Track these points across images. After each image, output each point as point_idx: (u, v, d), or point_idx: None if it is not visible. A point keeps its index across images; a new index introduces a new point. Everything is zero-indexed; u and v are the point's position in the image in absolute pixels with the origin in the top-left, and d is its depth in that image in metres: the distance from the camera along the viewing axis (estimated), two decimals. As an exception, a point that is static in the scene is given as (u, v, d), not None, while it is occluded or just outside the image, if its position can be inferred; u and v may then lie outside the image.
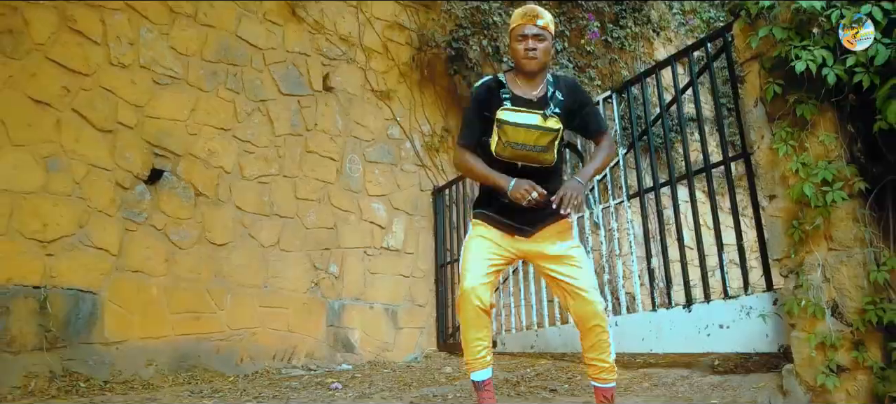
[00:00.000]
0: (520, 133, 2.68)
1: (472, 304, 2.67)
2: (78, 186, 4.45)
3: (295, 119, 5.88)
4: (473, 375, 2.80)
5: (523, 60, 2.78)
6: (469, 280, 2.69)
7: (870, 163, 3.00)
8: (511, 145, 2.69)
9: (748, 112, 3.48)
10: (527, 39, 2.77)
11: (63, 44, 4.53)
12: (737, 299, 3.67)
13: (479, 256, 2.75)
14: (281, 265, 5.53)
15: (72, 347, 4.22)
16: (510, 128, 2.67)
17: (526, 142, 2.69)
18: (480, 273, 2.71)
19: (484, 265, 2.73)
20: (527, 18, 2.80)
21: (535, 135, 2.69)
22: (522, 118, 2.69)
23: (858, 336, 2.82)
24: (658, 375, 3.94)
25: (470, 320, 2.71)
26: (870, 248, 2.87)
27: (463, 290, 2.69)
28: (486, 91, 2.85)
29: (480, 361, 2.77)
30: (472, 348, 2.75)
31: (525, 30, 2.78)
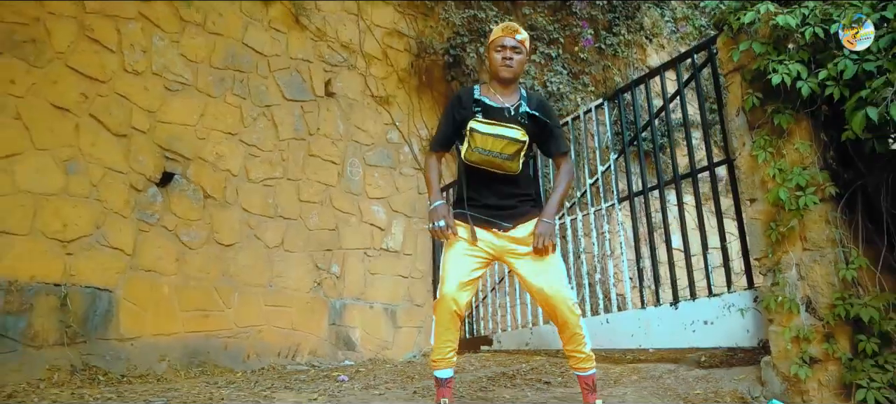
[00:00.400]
0: (488, 141, 2.86)
1: (449, 309, 2.83)
2: (95, 188, 4.65)
3: (298, 124, 6.09)
4: (438, 372, 2.95)
5: (500, 68, 3.00)
6: (448, 286, 2.83)
7: (841, 170, 3.24)
8: (478, 151, 2.87)
9: (731, 120, 3.72)
10: (505, 50, 3.00)
11: (81, 52, 4.73)
12: (720, 297, 3.90)
13: (459, 262, 2.88)
14: (285, 265, 5.74)
15: (90, 342, 4.42)
16: (479, 136, 2.86)
17: (493, 150, 2.87)
18: (460, 280, 2.84)
19: (465, 271, 2.87)
20: (506, 31, 3.03)
21: (502, 143, 2.87)
22: (491, 128, 2.88)
23: (829, 329, 3.05)
24: (647, 369, 4.17)
25: (444, 323, 2.86)
26: (840, 248, 3.11)
27: (442, 295, 2.83)
28: (458, 100, 3.07)
29: (447, 361, 2.92)
30: (442, 348, 2.90)
31: (504, 41, 3.01)
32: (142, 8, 5.12)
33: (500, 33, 3.05)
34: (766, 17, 3.29)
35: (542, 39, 7.90)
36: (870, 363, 2.86)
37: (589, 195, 5.24)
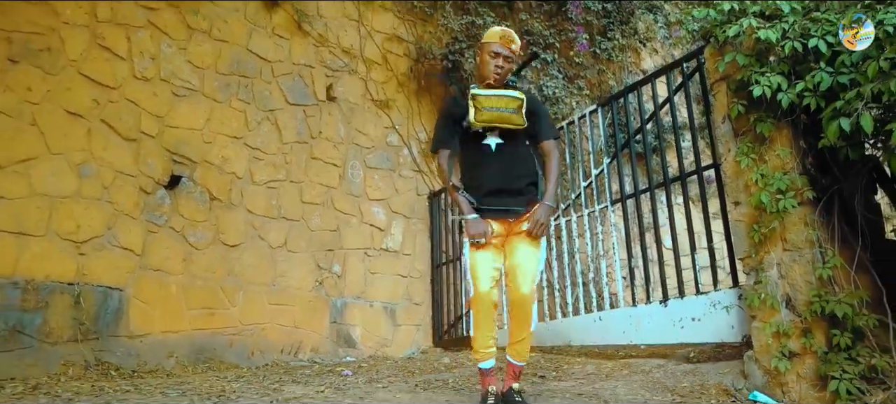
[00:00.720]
0: (491, 100, 3.12)
1: (485, 306, 3.09)
2: (106, 191, 4.82)
3: (301, 127, 6.26)
4: (482, 364, 3.19)
5: (490, 73, 3.21)
6: (483, 285, 3.07)
7: (819, 175, 3.43)
8: (485, 109, 3.11)
9: (717, 127, 3.91)
10: (499, 57, 3.21)
11: (93, 59, 4.90)
12: (707, 295, 4.09)
13: (486, 262, 3.12)
14: (288, 265, 5.91)
15: (102, 339, 4.59)
16: (483, 97, 3.13)
17: (498, 106, 3.13)
18: (489, 277, 3.09)
19: (491, 269, 3.12)
20: (504, 40, 3.22)
21: (504, 100, 3.14)
22: (491, 91, 3.16)
23: (806, 325, 3.24)
24: (637, 364, 4.36)
25: (483, 319, 3.11)
26: (818, 249, 3.30)
27: (479, 294, 3.07)
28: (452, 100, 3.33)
29: (489, 353, 3.18)
30: (483, 342, 3.15)
31: (501, 49, 3.21)
32: (151, 16, 5.29)
33: (497, 39, 3.23)
34: (749, 30, 3.48)
35: (539, 44, 8.08)
36: (843, 356, 3.05)
37: (583, 197, 5.43)
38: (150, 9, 5.31)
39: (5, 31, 4.48)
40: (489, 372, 3.20)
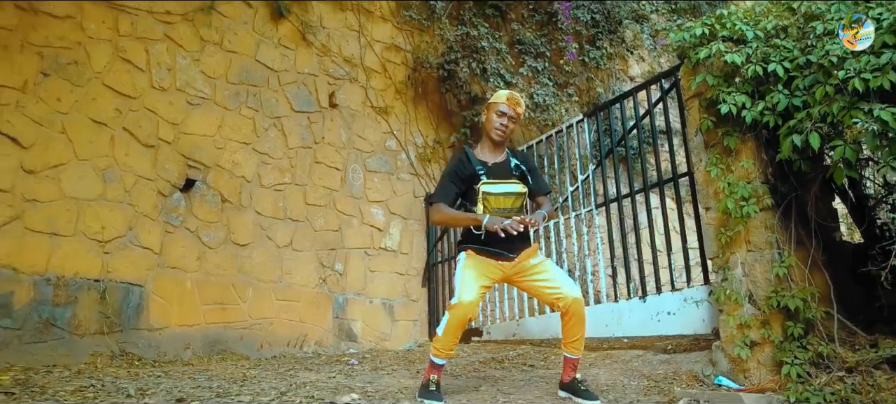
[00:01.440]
0: (500, 200, 3.47)
1: (466, 315, 3.36)
2: (128, 194, 5.20)
3: (305, 133, 6.64)
4: (439, 360, 3.44)
5: (495, 132, 3.57)
6: (468, 296, 3.32)
7: (779, 184, 3.84)
8: (497, 211, 3.45)
9: (691, 139, 4.32)
10: (504, 117, 3.57)
11: (116, 71, 5.28)
12: (681, 291, 4.50)
13: (474, 279, 3.41)
14: (293, 263, 6.30)
15: (125, 332, 4.96)
16: (493, 197, 3.45)
17: (504, 207, 3.48)
18: (475, 293, 3.37)
19: (478, 287, 3.39)
20: (512, 103, 3.57)
21: (511, 199, 3.50)
22: (503, 188, 3.49)
23: (765, 317, 3.65)
24: (619, 355, 4.76)
25: (459, 324, 3.36)
26: (776, 250, 3.71)
27: (462, 302, 3.31)
28: (463, 159, 3.61)
29: (450, 354, 3.46)
30: (449, 344, 3.41)
31: (506, 109, 3.57)
32: (167, 30, 5.67)
33: (504, 101, 3.58)
34: (718, 54, 3.88)
35: (530, 53, 8.46)
36: (795, 345, 3.46)
37: (570, 200, 5.84)
38: (167, 23, 5.68)
39: (37, 47, 4.86)
40: (442, 368, 3.50)
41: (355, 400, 3.19)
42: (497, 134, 3.58)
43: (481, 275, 3.46)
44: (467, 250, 3.53)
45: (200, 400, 3.03)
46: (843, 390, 3.15)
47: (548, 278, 3.52)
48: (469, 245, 3.53)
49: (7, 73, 4.70)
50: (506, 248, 3.48)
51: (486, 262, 3.48)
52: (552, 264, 3.68)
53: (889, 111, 2.91)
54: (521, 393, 3.58)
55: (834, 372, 3.27)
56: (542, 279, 3.53)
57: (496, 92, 3.76)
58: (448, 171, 3.63)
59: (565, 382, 3.59)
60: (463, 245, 3.58)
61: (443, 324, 3.40)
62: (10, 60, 4.72)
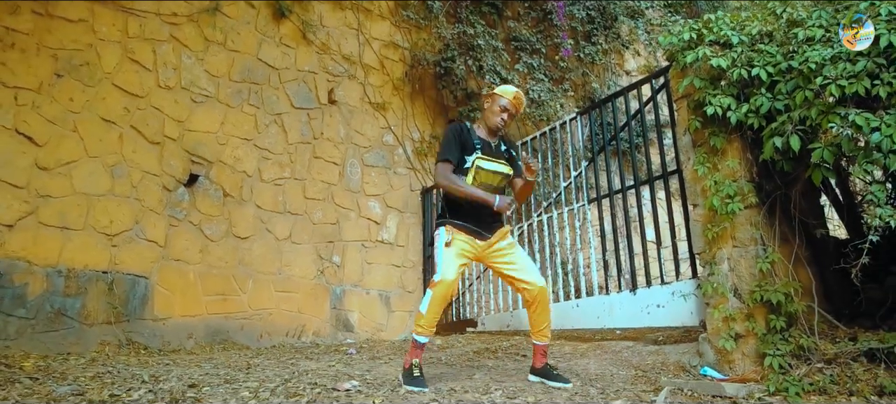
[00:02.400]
0: (489, 176, 3.72)
1: (449, 291, 3.55)
2: (134, 189, 5.34)
3: (304, 129, 6.78)
4: (422, 338, 3.58)
5: (494, 124, 3.79)
6: (450, 273, 3.51)
7: (764, 182, 4.00)
8: (483, 185, 3.71)
9: (680, 138, 4.47)
10: (505, 112, 3.79)
11: (124, 72, 5.42)
12: (670, 285, 4.67)
13: (455, 256, 3.59)
14: (292, 255, 6.45)
15: (131, 321, 5.12)
16: (484, 172, 3.72)
17: (491, 183, 3.75)
18: (456, 269, 3.55)
19: (459, 263, 3.59)
20: (516, 102, 3.80)
21: (498, 178, 3.77)
22: (493, 166, 3.76)
23: (750, 310, 3.81)
24: (610, 346, 4.93)
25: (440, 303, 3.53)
26: (760, 246, 3.88)
27: (445, 280, 3.50)
28: (462, 130, 3.82)
29: (432, 331, 3.61)
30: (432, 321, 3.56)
31: (509, 106, 3.79)
32: (173, 31, 5.80)
33: (509, 97, 3.79)
34: (704, 58, 4.04)
35: (526, 50, 8.60)
36: (778, 337, 3.63)
37: (563, 195, 6.00)
38: (173, 24, 5.82)
39: (52, 49, 5.01)
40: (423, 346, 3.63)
41: (355, 386, 3.35)
42: (496, 125, 3.79)
43: (461, 251, 3.64)
44: (447, 225, 3.69)
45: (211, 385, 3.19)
46: (821, 381, 3.32)
47: (518, 266, 3.74)
48: (450, 220, 3.70)
49: (24, 74, 4.87)
50: (484, 227, 3.70)
51: (465, 239, 3.66)
52: (521, 250, 3.87)
53: (863, 116, 3.08)
54: (512, 381, 3.75)
55: (813, 363, 3.44)
56: (511, 265, 3.74)
57: (503, 85, 3.96)
58: (452, 136, 3.79)
59: (537, 368, 3.80)
60: (443, 220, 3.74)
61: (426, 302, 3.54)
62: (26, 63, 4.88)
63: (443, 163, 3.71)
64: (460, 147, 3.75)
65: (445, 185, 3.70)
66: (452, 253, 3.61)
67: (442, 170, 3.69)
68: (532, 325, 3.79)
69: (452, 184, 3.67)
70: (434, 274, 3.62)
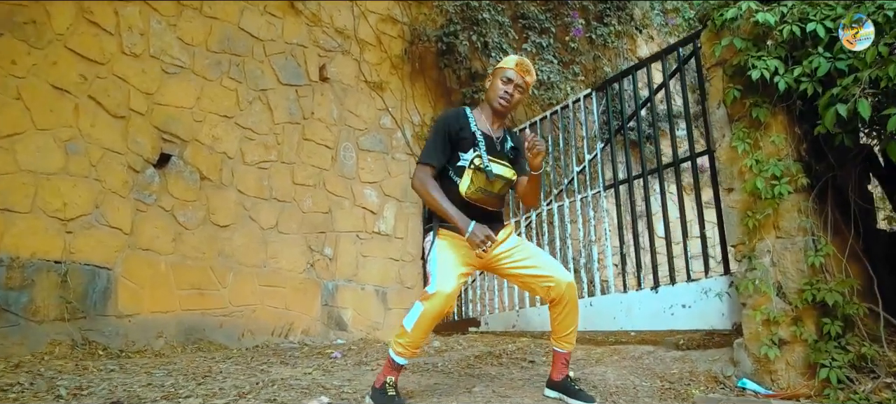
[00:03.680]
0: (494, 184, 3.00)
1: (443, 309, 2.84)
2: (94, 169, 4.77)
3: (293, 108, 6.20)
4: (402, 360, 2.92)
5: (499, 100, 3.07)
6: (449, 286, 2.82)
7: (814, 162, 3.40)
8: (482, 191, 2.98)
9: (712, 113, 3.87)
10: (510, 84, 3.06)
11: (80, 34, 4.83)
12: (698, 282, 4.07)
13: (453, 265, 2.91)
14: (279, 246, 5.87)
15: (89, 318, 4.55)
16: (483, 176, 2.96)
17: (491, 190, 3.01)
18: (456, 280, 2.88)
19: (458, 275, 2.90)
20: (520, 68, 3.06)
21: (500, 183, 3.03)
22: (498, 169, 3.00)
23: (797, 313, 3.23)
24: (627, 350, 4.34)
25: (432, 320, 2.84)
26: (810, 237, 3.27)
27: (441, 293, 2.79)
28: (456, 119, 3.10)
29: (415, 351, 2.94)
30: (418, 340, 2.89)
31: (514, 76, 3.06)
32: (141, -9, 5.22)
33: (512, 66, 3.08)
34: (747, 14, 3.44)
35: (534, 28, 8.03)
36: (833, 344, 3.04)
37: (576, 182, 5.40)
38: (140, -17, 5.23)
39: (-13, 3, 4.41)
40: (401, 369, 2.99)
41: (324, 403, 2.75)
42: (500, 103, 3.08)
43: (460, 260, 2.97)
44: (440, 230, 3.03)
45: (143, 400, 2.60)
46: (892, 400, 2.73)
47: (534, 264, 3.07)
48: (440, 224, 3.02)
49: (-49, 29, 4.25)
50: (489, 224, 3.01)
51: (463, 245, 2.96)
52: (532, 246, 3.22)
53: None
54: (519, 395, 3.16)
55: (881, 377, 2.84)
56: (527, 265, 3.07)
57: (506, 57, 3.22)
58: (441, 131, 3.07)
59: (556, 381, 3.16)
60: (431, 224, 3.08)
61: (414, 317, 2.85)
62: (-47, 16, 4.27)
63: (421, 166, 3.03)
64: (450, 144, 3.05)
65: (420, 193, 3.03)
66: (452, 260, 2.93)
67: (419, 176, 3.01)
68: (555, 329, 3.13)
69: (428, 195, 2.97)
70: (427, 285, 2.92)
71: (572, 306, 3.06)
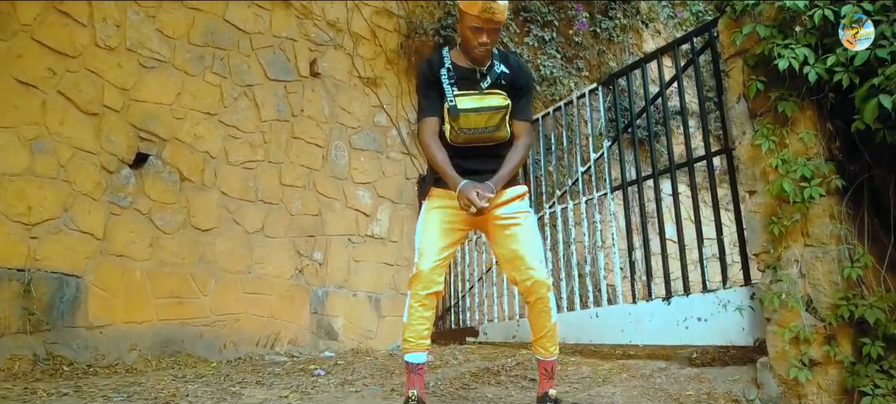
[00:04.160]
0: (470, 119, 2.68)
1: (427, 286, 2.67)
2: (63, 169, 4.43)
3: (281, 104, 5.87)
4: (410, 357, 2.75)
5: (475, 49, 2.72)
6: (426, 262, 2.66)
7: (847, 161, 3.05)
8: (464, 132, 2.69)
9: (731, 108, 3.53)
10: (482, 33, 2.69)
11: (49, 25, 4.49)
12: (715, 293, 3.72)
13: (436, 233, 2.72)
14: (265, 251, 5.54)
15: (55, 330, 4.21)
16: (462, 115, 2.67)
17: (477, 126, 2.70)
18: (437, 255, 2.68)
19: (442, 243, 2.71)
20: (486, 14, 2.66)
21: (485, 117, 2.70)
22: (472, 102, 2.69)
23: (831, 330, 2.88)
24: (636, 366, 3.99)
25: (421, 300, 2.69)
26: (844, 245, 2.93)
27: (420, 272, 2.65)
28: (429, 65, 2.83)
29: (421, 343, 2.74)
30: (416, 328, 2.72)
31: (482, 24, 2.67)
32: (115, -21, 4.88)
33: (477, 11, 2.66)
34: (772, -3, 3.10)
35: (536, 22, 7.70)
36: (874, 368, 2.69)
37: (581, 183, 5.05)
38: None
39: (-56, -10, 4.08)
40: (417, 369, 2.76)
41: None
42: (479, 53, 2.73)
43: (447, 223, 2.73)
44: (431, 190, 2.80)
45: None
46: (946, 434, 2.38)
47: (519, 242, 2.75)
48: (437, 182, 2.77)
49: None
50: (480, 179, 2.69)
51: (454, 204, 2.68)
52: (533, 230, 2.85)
53: None
54: (518, 423, 2.82)
55: (933, 409, 2.50)
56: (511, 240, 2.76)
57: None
58: (420, 82, 2.86)
59: (540, 397, 2.87)
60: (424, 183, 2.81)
61: (405, 306, 2.75)
62: None
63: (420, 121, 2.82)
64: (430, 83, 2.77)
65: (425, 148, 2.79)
66: (434, 232, 2.71)
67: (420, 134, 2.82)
68: (531, 330, 2.86)
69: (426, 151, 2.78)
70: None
71: (543, 305, 2.75)
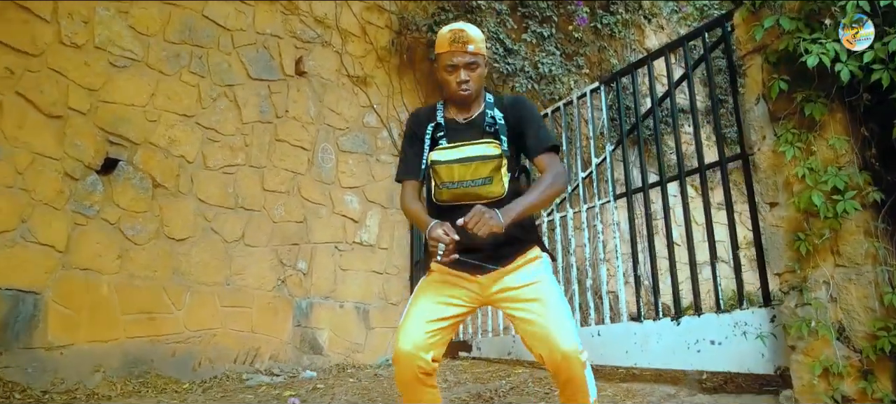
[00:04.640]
0: (454, 171, 2.29)
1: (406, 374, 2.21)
2: (20, 177, 4.09)
3: (264, 105, 5.53)
4: None
5: (457, 93, 2.34)
6: (403, 341, 2.21)
7: (884, 171, 2.71)
8: (446, 186, 2.30)
9: (748, 110, 3.19)
10: (458, 71, 2.31)
11: (7, 21, 4.14)
12: (730, 314, 3.38)
13: (425, 305, 2.29)
14: (245, 261, 5.20)
15: (9, 353, 3.86)
16: (442, 167, 2.30)
17: (462, 179, 2.28)
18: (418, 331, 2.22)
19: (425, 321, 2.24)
20: (456, 45, 2.30)
21: (471, 167, 2.28)
22: (452, 154, 2.31)
23: (867, 364, 2.54)
24: (642, 391, 3.66)
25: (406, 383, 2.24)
26: (883, 267, 2.58)
27: (396, 352, 2.22)
28: (416, 118, 2.49)
29: None
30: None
31: (455, 59, 2.30)
32: (81, -29, 4.54)
33: (448, 47, 2.31)
34: (797, -14, 2.75)
35: (535, 17, 7.37)
36: (920, 410, 2.35)
37: (581, 190, 4.70)
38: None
39: None
40: None
41: None
42: (462, 96, 2.34)
43: (441, 298, 2.28)
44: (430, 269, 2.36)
45: None
46: None
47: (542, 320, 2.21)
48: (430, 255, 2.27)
49: None
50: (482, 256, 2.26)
51: (453, 278, 2.30)
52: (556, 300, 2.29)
53: None
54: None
55: None
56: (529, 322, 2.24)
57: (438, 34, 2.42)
58: (405, 135, 2.54)
59: None
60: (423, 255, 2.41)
61: None
62: None
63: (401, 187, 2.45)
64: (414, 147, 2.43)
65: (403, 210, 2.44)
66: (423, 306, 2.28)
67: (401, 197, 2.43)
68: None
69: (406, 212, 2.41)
70: None
71: (577, 386, 2.19)
